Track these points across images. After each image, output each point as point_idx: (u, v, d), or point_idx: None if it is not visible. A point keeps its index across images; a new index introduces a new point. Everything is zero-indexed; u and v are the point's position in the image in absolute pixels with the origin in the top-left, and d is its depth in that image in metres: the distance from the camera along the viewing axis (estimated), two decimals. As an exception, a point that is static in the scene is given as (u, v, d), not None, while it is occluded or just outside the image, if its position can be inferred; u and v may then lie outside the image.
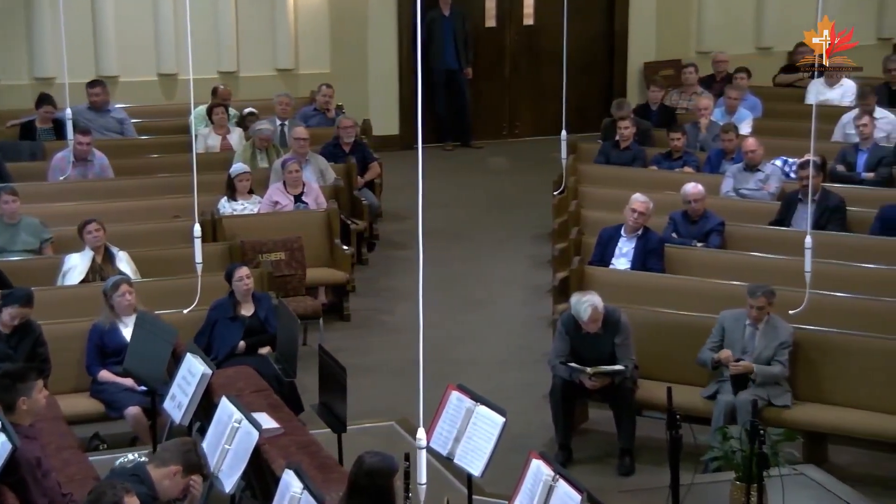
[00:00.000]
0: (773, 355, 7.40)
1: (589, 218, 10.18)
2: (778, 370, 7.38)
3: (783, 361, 7.38)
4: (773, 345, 7.42)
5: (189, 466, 5.28)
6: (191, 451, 5.33)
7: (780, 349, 7.40)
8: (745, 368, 7.35)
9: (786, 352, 7.40)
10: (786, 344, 7.41)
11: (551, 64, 13.93)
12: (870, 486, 6.88)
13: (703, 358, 7.53)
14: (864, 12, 15.94)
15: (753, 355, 7.43)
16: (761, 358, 7.41)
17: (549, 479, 5.21)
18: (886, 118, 11.43)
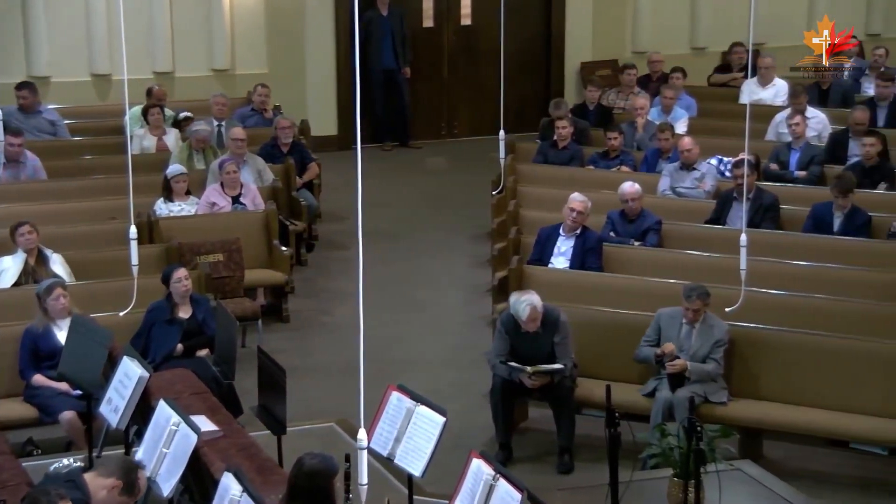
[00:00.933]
0: (708, 353, 7.49)
1: (527, 217, 10.22)
2: (711, 368, 7.46)
3: (717, 359, 7.47)
4: (709, 343, 7.50)
5: (128, 486, 5.19)
6: (133, 472, 5.24)
7: (716, 347, 7.49)
8: (680, 367, 7.42)
9: (720, 350, 7.49)
10: (721, 342, 7.49)
11: (489, 64, 13.96)
12: (803, 480, 6.98)
13: (644, 354, 7.59)
14: (794, 14, 16.20)
15: (689, 353, 7.51)
16: (697, 356, 7.49)
17: (490, 479, 5.22)
18: (817, 117, 11.60)
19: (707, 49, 15.74)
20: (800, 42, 16.16)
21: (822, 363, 7.45)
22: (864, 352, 7.40)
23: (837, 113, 11.92)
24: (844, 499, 7.03)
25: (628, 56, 15.23)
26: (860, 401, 7.29)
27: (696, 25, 15.98)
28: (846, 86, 13.00)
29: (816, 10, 16.40)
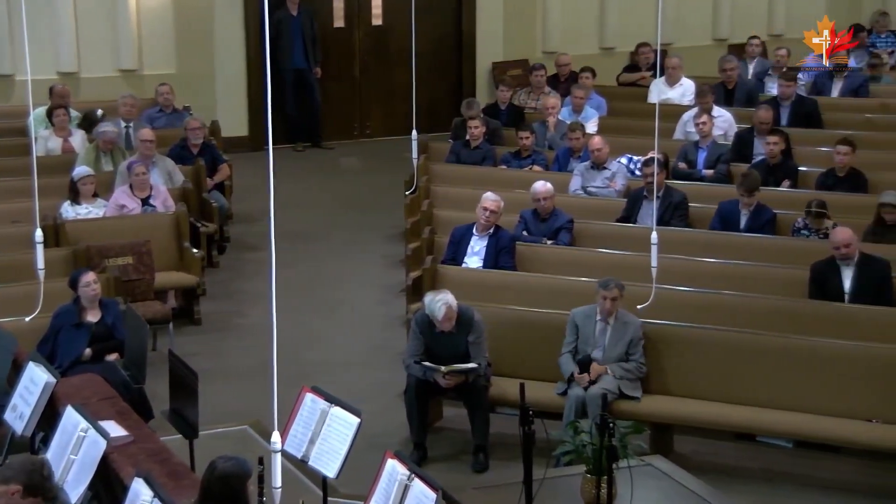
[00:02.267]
0: (624, 351, 7.57)
1: (441, 217, 10.24)
2: (633, 367, 7.54)
3: (638, 358, 7.55)
4: (624, 341, 7.58)
5: (31, 487, 5.02)
6: (35, 472, 5.06)
7: (633, 346, 7.57)
8: (597, 372, 7.49)
9: (639, 347, 7.57)
10: (636, 339, 7.58)
11: (401, 64, 13.97)
12: (712, 473, 7.09)
13: (565, 368, 7.62)
14: (700, 14, 16.49)
15: (604, 351, 7.59)
16: (612, 354, 7.57)
17: (405, 479, 5.22)
18: (723, 116, 11.80)
19: (616, 49, 15.93)
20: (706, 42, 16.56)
21: (731, 358, 7.57)
22: (770, 347, 7.54)
23: (742, 112, 12.15)
24: (751, 491, 7.16)
25: (539, 56, 15.34)
26: (766, 395, 7.43)
27: (605, 26, 16.17)
28: (750, 85, 13.26)
29: (721, 12, 16.74)
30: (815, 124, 12.10)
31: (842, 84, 13.26)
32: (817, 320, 7.91)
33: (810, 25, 16.04)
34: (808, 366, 7.39)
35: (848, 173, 10.21)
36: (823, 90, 13.30)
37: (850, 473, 7.37)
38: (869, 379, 7.25)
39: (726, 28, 16.72)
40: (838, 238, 8.23)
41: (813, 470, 7.45)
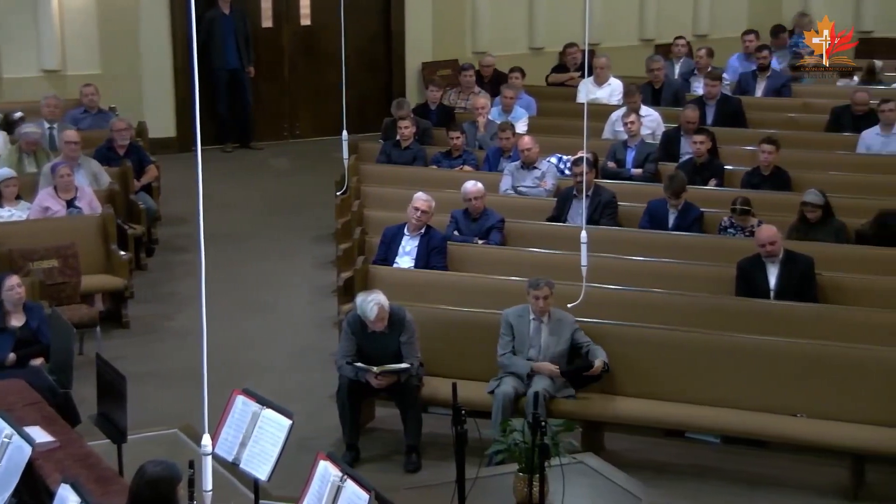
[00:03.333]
0: (566, 349, 7.60)
1: (372, 217, 10.22)
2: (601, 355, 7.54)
3: (589, 342, 7.57)
4: (564, 338, 7.62)
5: None
6: None
7: (578, 337, 7.61)
8: (551, 372, 7.53)
9: (582, 334, 7.60)
10: (575, 330, 7.61)
11: (330, 64, 13.90)
12: (643, 470, 7.17)
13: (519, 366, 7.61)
14: (626, 15, 16.65)
15: (543, 352, 7.61)
16: (552, 353, 7.59)
17: (337, 480, 5.20)
18: (651, 116, 11.93)
19: (545, 49, 16.02)
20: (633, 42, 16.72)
21: (660, 356, 7.65)
22: (698, 344, 7.63)
23: (670, 112, 12.29)
24: (681, 487, 7.24)
25: (469, 56, 15.38)
26: (695, 391, 7.52)
27: (534, 26, 16.25)
28: (677, 85, 13.42)
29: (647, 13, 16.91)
30: (740, 123, 12.28)
31: (765, 84, 13.48)
32: (744, 317, 8.03)
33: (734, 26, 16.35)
34: (735, 362, 7.50)
35: (772, 172, 10.37)
36: (748, 90, 13.50)
37: (777, 468, 7.49)
38: (793, 374, 7.37)
39: (653, 29, 16.90)
40: (763, 236, 8.36)
41: (741, 465, 7.55)
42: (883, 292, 8.25)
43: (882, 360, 7.24)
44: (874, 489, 7.18)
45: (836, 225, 9.14)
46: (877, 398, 7.16)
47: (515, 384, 7.52)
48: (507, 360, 7.65)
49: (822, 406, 7.25)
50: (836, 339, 7.55)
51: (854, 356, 7.32)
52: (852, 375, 7.25)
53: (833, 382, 7.26)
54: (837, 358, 7.34)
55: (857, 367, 7.26)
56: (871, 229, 9.12)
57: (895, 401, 7.12)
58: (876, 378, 7.20)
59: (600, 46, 15.55)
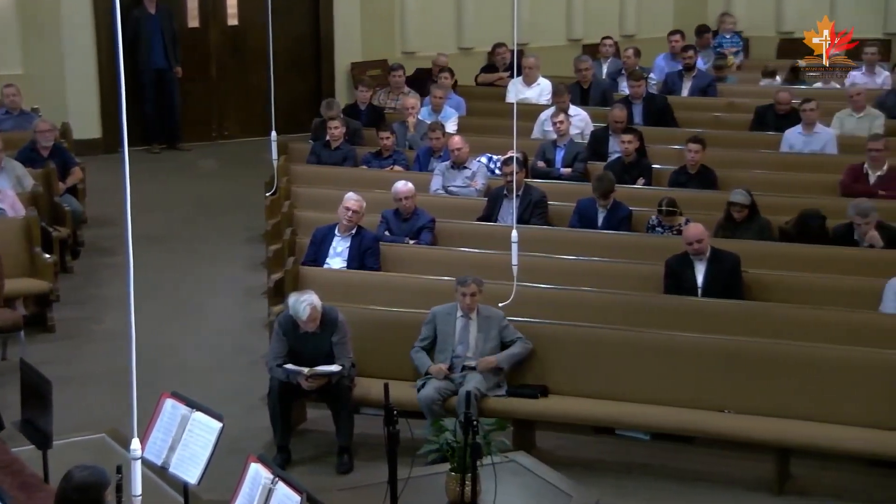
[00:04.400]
0: (496, 344, 7.63)
1: (302, 218, 10.18)
2: (519, 349, 7.60)
3: (517, 338, 7.62)
4: (493, 334, 7.65)
5: None
6: None
7: (506, 332, 7.64)
8: (488, 365, 7.55)
9: (511, 329, 7.63)
10: (504, 325, 7.64)
11: (258, 64, 13.84)
12: (573, 467, 7.21)
13: (419, 363, 7.67)
14: (554, 15, 16.77)
15: (472, 348, 7.63)
16: (482, 350, 7.62)
17: (268, 482, 5.17)
18: (579, 115, 12.02)
19: (474, 49, 16.07)
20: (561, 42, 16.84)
21: (590, 354, 7.71)
22: (628, 341, 7.70)
23: (598, 111, 12.39)
24: (611, 483, 7.30)
25: (398, 56, 15.38)
26: (624, 388, 7.59)
27: (462, 26, 16.29)
28: (605, 85, 13.54)
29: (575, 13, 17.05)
30: (667, 122, 12.43)
31: (691, 83, 13.66)
32: (672, 314, 8.12)
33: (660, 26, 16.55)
34: (664, 359, 7.58)
35: (699, 170, 10.51)
36: (674, 89, 13.67)
37: (705, 463, 7.58)
38: (720, 370, 7.46)
39: (580, 29, 17.04)
40: (690, 234, 8.47)
41: (669, 461, 7.64)
42: (806, 289, 8.39)
43: (805, 356, 7.37)
44: (799, 483, 7.30)
45: (760, 223, 9.29)
46: (800, 393, 7.28)
47: (439, 385, 7.54)
48: (413, 353, 7.69)
49: (748, 401, 7.36)
50: (761, 335, 7.67)
51: (778, 352, 7.43)
52: (777, 371, 7.36)
53: (758, 378, 7.38)
54: (762, 354, 7.45)
55: (782, 363, 7.38)
56: (793, 228, 9.28)
57: (818, 395, 7.25)
58: (799, 373, 7.32)
59: (529, 46, 15.66)
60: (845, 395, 7.20)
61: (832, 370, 7.27)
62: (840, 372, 7.25)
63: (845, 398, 7.19)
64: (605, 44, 14.76)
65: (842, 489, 7.26)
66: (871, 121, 11.77)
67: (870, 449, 7.05)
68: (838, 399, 7.20)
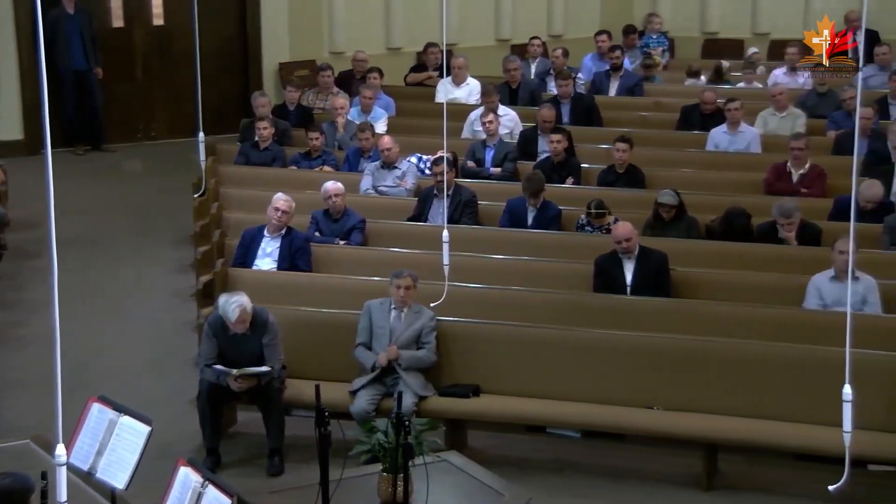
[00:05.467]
0: (415, 338, 7.64)
1: (231, 219, 10.10)
2: (423, 354, 7.62)
3: (429, 346, 7.63)
4: (415, 328, 7.65)
5: None
6: None
7: (425, 334, 7.66)
8: (390, 354, 7.55)
9: (432, 335, 7.65)
10: (428, 328, 7.66)
11: (185, 65, 13.68)
12: (505, 466, 7.24)
13: (365, 359, 7.65)
14: (482, 15, 16.81)
15: (396, 337, 7.64)
16: (403, 339, 7.63)
17: (198, 486, 5.12)
18: (509, 115, 12.07)
19: (402, 49, 16.07)
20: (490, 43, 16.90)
21: (521, 353, 7.74)
22: (558, 340, 7.74)
23: (527, 111, 12.45)
24: (542, 481, 7.35)
25: (326, 56, 15.31)
26: (556, 387, 7.64)
27: (391, 26, 16.27)
28: (533, 85, 13.61)
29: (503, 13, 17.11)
30: (595, 121, 12.53)
31: (618, 83, 13.79)
32: (601, 313, 8.18)
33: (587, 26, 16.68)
34: (594, 357, 7.64)
35: (627, 170, 10.60)
36: (602, 89, 13.79)
37: (635, 460, 7.66)
38: (649, 367, 7.54)
39: (508, 29, 17.12)
40: (619, 233, 8.54)
41: (600, 458, 7.71)
42: (732, 286, 8.51)
43: (731, 352, 7.47)
44: (727, 478, 7.40)
45: (688, 221, 9.40)
46: (727, 389, 7.38)
47: (370, 396, 7.52)
48: (358, 353, 7.67)
49: (676, 398, 7.44)
50: (689, 332, 7.76)
51: (706, 349, 7.53)
52: (705, 367, 7.45)
53: (686, 374, 7.46)
54: (690, 351, 7.54)
55: (709, 360, 7.47)
56: (719, 226, 9.40)
57: (745, 391, 7.35)
58: (726, 369, 7.42)
59: (457, 47, 15.69)
60: (771, 390, 7.31)
61: (758, 366, 7.37)
62: (766, 368, 7.36)
63: (771, 393, 7.30)
64: (534, 44, 14.84)
65: (769, 483, 7.37)
66: (793, 120, 11.97)
67: (796, 443, 7.17)
68: (764, 394, 7.31)
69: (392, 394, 7.30)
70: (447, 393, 7.64)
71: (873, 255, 8.59)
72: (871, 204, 9.30)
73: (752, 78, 14.20)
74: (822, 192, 10.16)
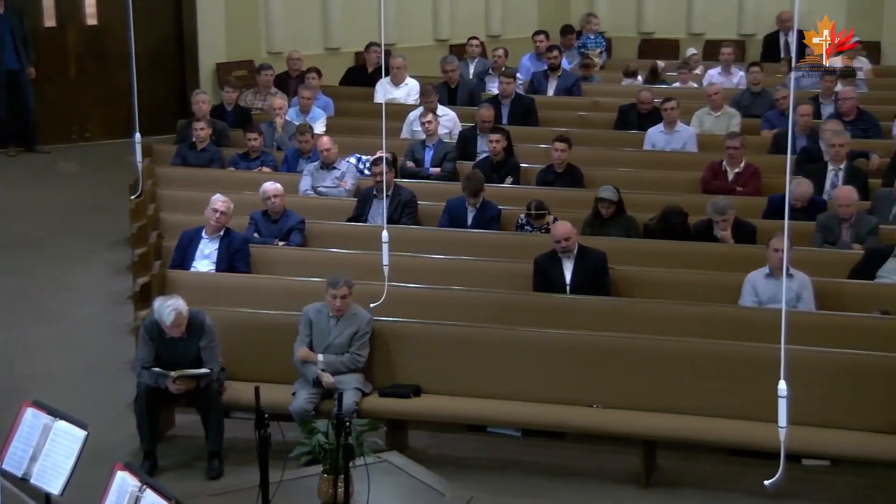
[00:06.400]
0: (349, 342, 7.62)
1: (168, 221, 10.01)
2: (347, 359, 7.59)
3: (355, 350, 7.61)
4: (348, 332, 7.63)
5: None
6: None
7: (357, 338, 7.64)
8: (307, 357, 7.54)
9: (362, 339, 7.64)
10: (361, 332, 7.64)
11: (120, 65, 13.55)
12: (446, 465, 7.24)
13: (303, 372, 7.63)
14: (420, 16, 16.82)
15: (331, 342, 7.61)
16: (336, 345, 7.61)
17: (136, 490, 5.08)
18: (448, 115, 12.08)
19: (341, 49, 16.02)
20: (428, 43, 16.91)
21: (461, 352, 7.75)
22: (498, 339, 7.76)
23: (466, 111, 12.48)
24: (482, 480, 7.36)
25: (264, 56, 15.23)
26: (496, 386, 7.65)
27: (329, 26, 16.21)
28: (472, 85, 13.63)
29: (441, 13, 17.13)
30: (533, 121, 12.59)
31: (556, 83, 13.86)
32: (541, 312, 8.21)
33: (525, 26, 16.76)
34: (534, 356, 7.66)
35: (565, 169, 10.66)
36: (540, 89, 13.85)
37: (575, 458, 7.70)
38: (588, 366, 7.58)
39: (447, 29, 17.14)
40: (558, 232, 8.59)
41: (540, 456, 7.73)
42: (669, 284, 8.59)
43: (670, 350, 7.53)
44: (665, 474, 7.47)
45: (626, 220, 9.47)
46: (665, 386, 7.44)
47: (309, 395, 7.49)
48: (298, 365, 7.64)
49: (616, 396, 7.49)
50: (628, 330, 7.82)
51: (644, 346, 7.59)
52: (643, 365, 7.51)
53: (626, 372, 7.51)
54: (629, 349, 7.59)
55: (648, 357, 7.53)
56: (657, 225, 9.49)
57: (682, 388, 7.42)
58: (664, 367, 7.48)
59: (396, 47, 15.67)
60: (708, 387, 7.39)
61: (695, 363, 7.44)
62: (703, 365, 7.43)
63: (708, 390, 7.38)
64: (472, 44, 14.88)
65: (706, 479, 7.45)
66: (728, 119, 12.12)
67: (732, 438, 7.25)
68: (702, 391, 7.38)
69: (332, 394, 7.28)
70: (388, 393, 7.63)
71: (807, 253, 8.72)
72: (799, 202, 9.44)
73: (688, 77, 14.35)
74: (757, 191, 10.29)
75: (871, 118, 11.84)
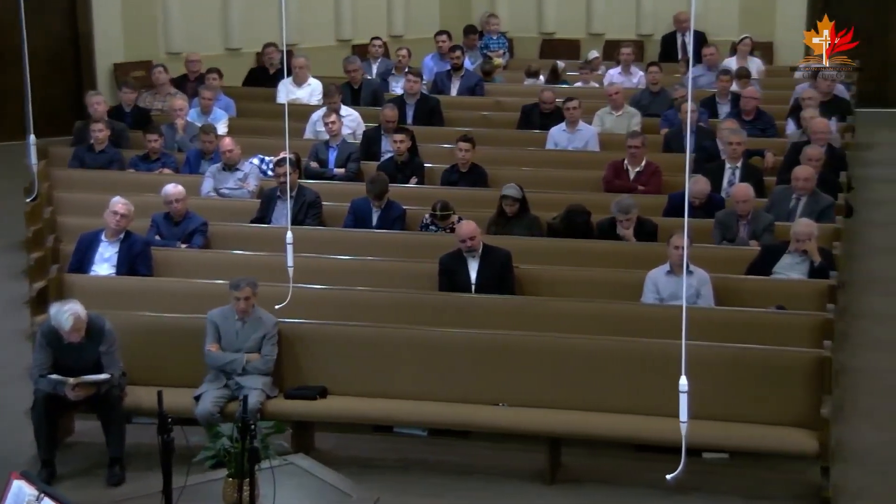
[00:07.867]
0: (257, 346, 7.57)
1: (66, 224, 9.83)
2: (260, 363, 7.55)
3: (266, 353, 7.57)
4: (255, 337, 7.58)
5: None
6: None
7: (265, 341, 7.59)
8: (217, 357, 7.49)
9: (269, 342, 7.60)
10: (268, 335, 7.60)
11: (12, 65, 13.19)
12: (351, 466, 7.23)
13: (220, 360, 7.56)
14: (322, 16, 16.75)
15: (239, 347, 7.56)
16: (244, 349, 7.56)
17: (33, 499, 4.97)
18: (351, 116, 12.05)
19: (242, 50, 15.87)
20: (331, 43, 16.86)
21: (366, 353, 7.73)
22: (404, 339, 7.76)
23: (369, 111, 12.46)
24: (388, 479, 7.36)
25: (162, 57, 15.03)
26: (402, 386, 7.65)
27: (229, 26, 16.05)
28: (375, 85, 13.62)
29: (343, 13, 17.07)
30: (437, 121, 12.62)
31: (459, 83, 13.91)
32: (447, 311, 8.24)
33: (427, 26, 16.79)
34: (440, 356, 7.68)
35: (470, 169, 10.70)
36: (443, 89, 13.89)
37: (481, 456, 7.73)
38: (494, 364, 7.62)
39: (349, 29, 17.09)
40: (463, 231, 8.62)
41: (447, 455, 7.76)
42: (573, 282, 8.68)
43: (573, 347, 7.60)
44: (570, 471, 7.54)
45: (530, 219, 9.54)
46: (569, 384, 7.51)
47: (214, 397, 7.43)
48: (208, 358, 7.55)
49: (521, 394, 7.55)
50: (532, 328, 7.88)
51: (549, 344, 7.65)
52: (548, 363, 7.57)
53: (530, 371, 7.57)
54: (534, 347, 7.65)
55: (552, 355, 7.60)
56: (560, 223, 9.58)
57: (586, 385, 7.49)
58: (568, 364, 7.55)
59: (298, 47, 15.58)
60: (612, 383, 7.48)
61: (599, 360, 7.53)
62: (606, 362, 7.52)
63: (611, 387, 7.47)
64: (375, 44, 14.86)
65: (611, 475, 7.54)
66: (628, 118, 12.29)
67: (635, 434, 7.35)
68: (605, 388, 7.47)
69: (237, 397, 7.21)
70: (294, 395, 7.58)
71: (706, 250, 8.88)
72: (697, 200, 9.61)
73: (589, 77, 14.52)
74: (658, 189, 10.45)
75: (769, 118, 12.11)
